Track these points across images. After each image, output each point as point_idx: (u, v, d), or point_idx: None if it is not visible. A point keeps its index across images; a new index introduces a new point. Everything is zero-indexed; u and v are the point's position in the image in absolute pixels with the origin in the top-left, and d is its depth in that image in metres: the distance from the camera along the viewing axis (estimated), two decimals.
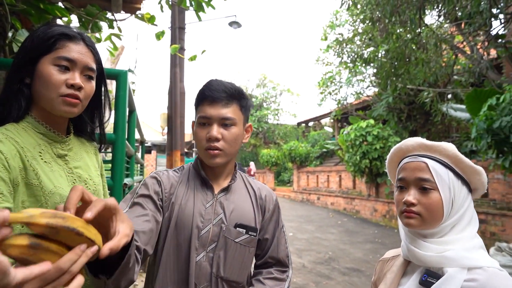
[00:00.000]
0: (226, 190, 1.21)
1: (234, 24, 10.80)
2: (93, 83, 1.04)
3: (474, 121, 5.78)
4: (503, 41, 6.82)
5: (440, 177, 0.91)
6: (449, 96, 8.67)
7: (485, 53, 7.35)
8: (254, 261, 1.30)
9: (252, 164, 18.61)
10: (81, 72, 0.99)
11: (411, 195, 0.92)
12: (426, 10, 6.95)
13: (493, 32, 6.78)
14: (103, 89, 1.15)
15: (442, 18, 7.75)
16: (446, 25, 8.75)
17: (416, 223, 0.92)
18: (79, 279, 0.55)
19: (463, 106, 7.25)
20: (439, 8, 6.80)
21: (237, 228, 1.16)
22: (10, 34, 2.34)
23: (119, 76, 2.08)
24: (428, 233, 0.93)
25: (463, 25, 7.57)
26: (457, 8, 6.45)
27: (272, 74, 49.76)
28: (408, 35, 7.16)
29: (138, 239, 0.98)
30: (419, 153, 0.97)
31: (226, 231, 1.14)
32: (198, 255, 1.11)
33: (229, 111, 1.14)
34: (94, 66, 1.03)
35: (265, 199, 1.28)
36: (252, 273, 1.29)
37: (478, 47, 7.51)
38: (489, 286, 0.83)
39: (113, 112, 2.15)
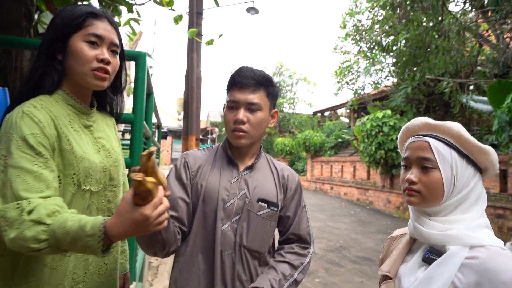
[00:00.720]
0: (250, 168, 1.31)
1: (252, 10, 10.72)
2: (118, 58, 1.12)
3: (496, 113, 5.62)
4: None
5: (442, 156, 0.92)
6: (471, 87, 8.43)
7: (511, 42, 7.09)
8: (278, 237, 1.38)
9: None
10: (108, 47, 1.07)
11: (413, 174, 0.95)
12: None
13: None
14: (123, 65, 1.22)
15: (467, 5, 7.49)
16: (471, 14, 8.45)
17: (416, 201, 0.94)
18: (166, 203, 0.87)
19: (485, 98, 7.04)
20: None
21: (259, 203, 1.25)
22: (36, 16, 2.42)
23: (139, 58, 2.14)
24: (431, 211, 0.95)
25: (489, 13, 7.30)
26: None
27: (288, 62, 49.34)
28: (430, 23, 6.96)
29: (171, 222, 1.16)
30: (423, 133, 0.98)
31: (249, 205, 1.24)
32: (224, 224, 1.22)
33: (256, 97, 1.24)
34: (118, 42, 1.11)
35: (288, 179, 1.36)
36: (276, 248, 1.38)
37: (505, 36, 7.26)
38: (490, 264, 0.84)
39: (131, 96, 2.22)
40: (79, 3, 3.58)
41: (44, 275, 0.98)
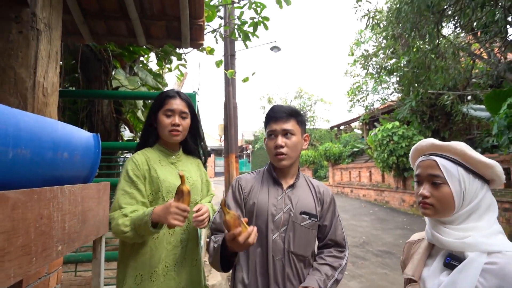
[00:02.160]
0: (292, 186, 1.32)
1: (275, 48, 10.89)
2: (188, 120, 1.42)
3: (495, 119, 5.28)
4: None
5: (450, 173, 0.89)
6: (469, 97, 7.98)
7: (502, 57, 6.68)
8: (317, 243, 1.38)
9: None
10: (179, 115, 1.38)
11: (425, 189, 0.92)
12: (443, 23, 6.47)
13: (510, 38, 6.16)
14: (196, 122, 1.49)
15: (458, 29, 7.19)
16: (462, 35, 8.09)
17: (430, 213, 0.91)
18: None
19: (482, 106, 6.65)
20: (456, 20, 6.32)
21: (302, 215, 1.26)
22: (113, 73, 2.63)
23: (190, 98, 2.25)
24: (446, 220, 0.91)
25: (479, 34, 6.97)
26: (472, 20, 5.96)
27: (307, 87, 48.69)
28: (427, 47, 6.73)
29: None
30: (431, 152, 0.95)
31: (294, 217, 1.25)
32: (274, 234, 1.23)
33: (289, 125, 1.28)
34: (186, 110, 1.40)
35: (323, 194, 1.36)
36: (316, 252, 1.37)
37: (495, 52, 6.86)
38: (508, 269, 0.79)
39: None
40: (141, 58, 3.81)
41: (146, 258, 1.27)
